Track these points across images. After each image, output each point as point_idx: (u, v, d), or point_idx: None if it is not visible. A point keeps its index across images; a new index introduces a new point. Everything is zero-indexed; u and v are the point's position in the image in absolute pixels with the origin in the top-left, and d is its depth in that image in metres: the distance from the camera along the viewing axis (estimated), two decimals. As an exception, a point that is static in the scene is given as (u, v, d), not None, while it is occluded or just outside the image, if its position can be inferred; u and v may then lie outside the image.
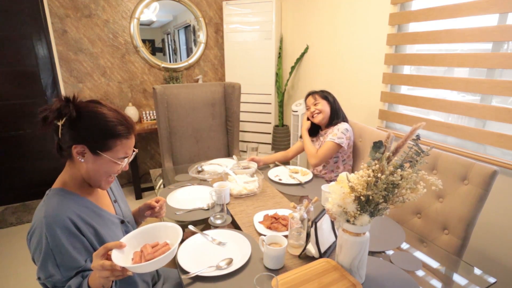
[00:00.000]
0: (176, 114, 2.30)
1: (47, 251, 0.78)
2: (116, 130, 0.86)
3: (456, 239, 1.21)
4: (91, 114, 0.86)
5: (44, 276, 0.79)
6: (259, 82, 3.28)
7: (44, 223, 0.79)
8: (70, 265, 0.80)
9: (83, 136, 0.85)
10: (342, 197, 0.82)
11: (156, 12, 3.15)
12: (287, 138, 3.25)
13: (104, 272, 0.71)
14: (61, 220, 0.80)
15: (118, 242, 0.76)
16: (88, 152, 0.85)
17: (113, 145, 0.86)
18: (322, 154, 1.68)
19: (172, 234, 0.87)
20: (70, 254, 0.80)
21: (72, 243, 0.81)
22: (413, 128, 0.82)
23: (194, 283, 0.90)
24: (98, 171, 0.88)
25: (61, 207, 0.83)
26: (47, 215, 0.80)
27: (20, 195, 2.94)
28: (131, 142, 0.91)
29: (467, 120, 1.82)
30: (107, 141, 0.86)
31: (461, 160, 1.24)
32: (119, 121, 0.87)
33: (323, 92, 1.81)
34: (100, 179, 0.90)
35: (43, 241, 0.78)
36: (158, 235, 0.88)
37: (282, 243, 0.97)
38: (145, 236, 0.86)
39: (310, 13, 2.88)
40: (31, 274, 2.02)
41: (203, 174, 1.71)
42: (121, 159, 0.89)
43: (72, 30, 2.83)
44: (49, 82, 2.82)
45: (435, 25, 1.89)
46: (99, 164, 0.87)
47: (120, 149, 0.88)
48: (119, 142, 0.87)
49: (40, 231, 0.79)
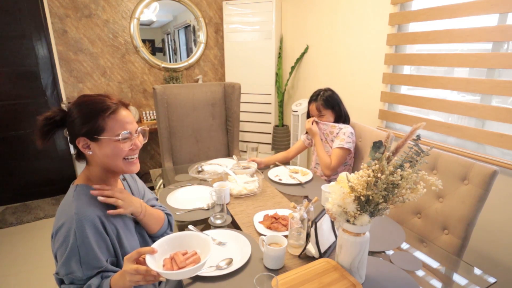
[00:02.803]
0: (176, 114, 2.30)
1: (73, 248, 0.78)
2: (99, 108, 0.84)
3: (456, 239, 1.21)
4: (75, 106, 0.86)
5: (64, 272, 0.79)
6: (259, 82, 3.28)
7: (75, 219, 0.80)
8: (93, 264, 0.80)
9: (76, 129, 0.85)
10: (342, 197, 0.82)
11: (156, 12, 3.15)
12: (287, 138, 3.25)
13: (137, 276, 0.72)
14: (91, 218, 0.82)
15: (151, 248, 0.77)
16: (89, 142, 0.85)
17: (105, 123, 0.84)
18: (336, 165, 1.65)
19: (201, 243, 0.87)
20: (95, 253, 0.80)
21: (97, 242, 0.82)
22: (413, 128, 0.82)
23: (194, 283, 0.90)
24: (108, 156, 0.86)
25: (91, 205, 0.85)
26: (78, 212, 0.81)
27: (20, 195, 2.94)
28: (124, 116, 0.87)
29: (467, 120, 1.82)
30: (97, 123, 0.84)
31: (461, 160, 1.24)
32: (100, 100, 0.86)
33: (327, 100, 1.70)
34: (117, 163, 0.88)
35: (71, 237, 0.79)
36: (188, 243, 0.88)
37: (282, 243, 0.97)
38: (175, 243, 0.87)
39: (310, 13, 2.88)
40: (31, 274, 2.03)
41: (203, 174, 1.71)
42: (122, 134, 0.86)
43: (72, 30, 2.83)
44: (49, 82, 2.82)
45: (435, 25, 1.89)
46: (105, 148, 0.85)
47: (114, 124, 0.85)
48: (108, 118, 0.85)
49: (68, 227, 0.80)
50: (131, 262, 0.75)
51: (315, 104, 1.74)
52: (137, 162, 0.94)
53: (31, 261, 2.14)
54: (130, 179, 1.10)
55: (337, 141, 1.68)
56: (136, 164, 0.94)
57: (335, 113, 1.73)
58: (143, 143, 0.95)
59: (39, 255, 2.20)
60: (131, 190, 1.07)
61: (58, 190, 3.08)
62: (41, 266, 2.09)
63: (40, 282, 1.96)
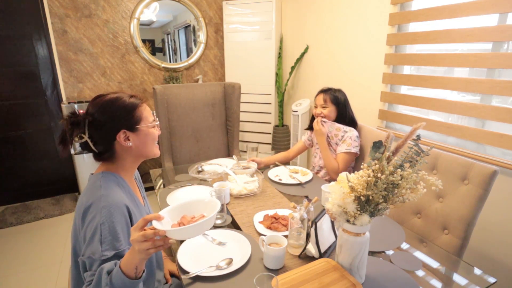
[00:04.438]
0: (176, 114, 2.30)
1: (97, 226, 0.80)
2: (133, 102, 0.95)
3: (456, 239, 1.21)
4: (105, 106, 0.92)
5: (88, 253, 0.79)
6: (259, 82, 3.27)
7: (103, 200, 0.83)
8: (113, 244, 0.80)
9: (114, 125, 0.92)
10: (342, 197, 0.82)
11: (156, 12, 3.15)
12: (287, 138, 3.25)
13: (145, 243, 0.70)
14: (119, 202, 0.86)
15: (156, 214, 0.77)
16: (129, 133, 0.94)
17: (140, 114, 0.96)
18: (343, 169, 1.65)
19: (208, 207, 0.87)
20: (117, 235, 0.81)
21: (122, 226, 0.83)
22: (413, 128, 0.82)
23: (194, 283, 0.90)
24: (146, 142, 0.97)
25: (118, 192, 0.90)
26: (107, 194, 0.86)
27: (20, 195, 2.94)
28: (148, 107, 1.01)
29: (467, 120, 1.82)
30: (134, 115, 0.94)
31: (461, 160, 1.24)
32: (127, 96, 0.96)
33: (335, 94, 1.72)
34: (152, 148, 1.00)
35: (97, 216, 0.81)
36: (195, 208, 0.88)
37: (282, 243, 0.97)
38: (182, 210, 0.87)
39: (310, 13, 2.88)
40: (31, 274, 2.03)
41: (203, 174, 1.71)
42: (153, 121, 1.00)
43: (72, 30, 2.83)
44: (49, 82, 2.82)
45: (435, 25, 1.89)
46: (143, 136, 0.96)
47: (147, 114, 0.98)
48: (141, 109, 0.96)
49: (98, 206, 0.82)
50: (138, 230, 0.72)
51: (323, 94, 1.73)
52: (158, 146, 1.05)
53: (31, 261, 2.14)
54: (138, 181, 1.14)
55: (344, 145, 1.67)
56: (158, 146, 1.05)
57: (338, 112, 1.73)
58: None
59: (39, 255, 2.20)
60: (141, 190, 1.13)
61: (58, 190, 3.07)
62: (41, 266, 2.09)
63: (40, 282, 1.96)
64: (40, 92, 2.81)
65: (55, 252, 2.23)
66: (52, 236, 2.43)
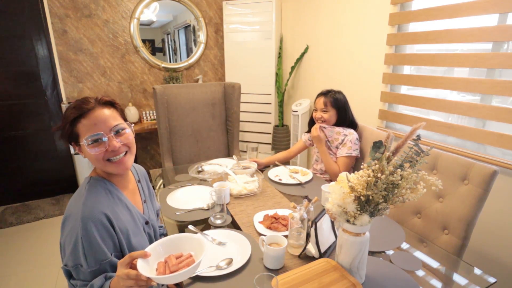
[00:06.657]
0: (176, 114, 2.30)
1: (78, 238, 0.79)
2: (68, 116, 0.85)
3: (456, 239, 1.21)
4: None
5: (72, 263, 0.80)
6: (259, 82, 3.27)
7: (81, 210, 0.82)
8: (97, 256, 0.80)
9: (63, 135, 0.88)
10: (342, 197, 0.82)
11: (156, 12, 3.15)
12: (287, 138, 3.25)
13: (129, 281, 0.71)
14: (98, 212, 0.83)
15: (143, 252, 0.76)
16: (76, 146, 0.89)
17: (77, 130, 0.86)
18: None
19: (197, 246, 0.84)
20: (99, 246, 0.81)
21: (102, 236, 0.82)
22: (413, 128, 0.82)
23: (194, 283, 0.90)
24: (91, 158, 0.87)
25: (101, 200, 0.86)
26: (85, 203, 0.83)
27: (20, 195, 2.94)
28: (94, 118, 0.85)
29: (467, 120, 1.82)
30: (72, 129, 0.86)
31: (461, 160, 1.24)
32: (72, 106, 0.86)
33: (336, 97, 1.69)
34: (100, 165, 0.89)
35: (77, 228, 0.80)
36: (183, 246, 0.86)
37: (282, 243, 0.97)
38: (170, 246, 0.85)
39: (310, 13, 2.88)
40: (31, 274, 2.03)
41: (203, 174, 1.71)
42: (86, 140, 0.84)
43: (72, 30, 2.83)
44: (49, 82, 2.82)
45: (435, 25, 1.89)
46: (86, 152, 0.87)
47: (83, 130, 0.85)
48: (79, 125, 0.85)
49: (75, 218, 0.81)
50: (123, 266, 0.73)
51: (323, 98, 1.71)
52: (123, 162, 0.90)
53: (31, 261, 2.14)
54: (144, 183, 1.12)
55: (344, 149, 1.67)
56: (120, 164, 0.90)
57: (338, 115, 1.72)
58: (129, 139, 0.91)
59: (38, 255, 2.20)
60: (144, 194, 1.08)
61: (58, 190, 3.07)
62: (41, 266, 2.09)
63: (40, 282, 1.95)
64: (40, 92, 2.81)
65: (55, 252, 2.23)
66: (52, 236, 2.43)
